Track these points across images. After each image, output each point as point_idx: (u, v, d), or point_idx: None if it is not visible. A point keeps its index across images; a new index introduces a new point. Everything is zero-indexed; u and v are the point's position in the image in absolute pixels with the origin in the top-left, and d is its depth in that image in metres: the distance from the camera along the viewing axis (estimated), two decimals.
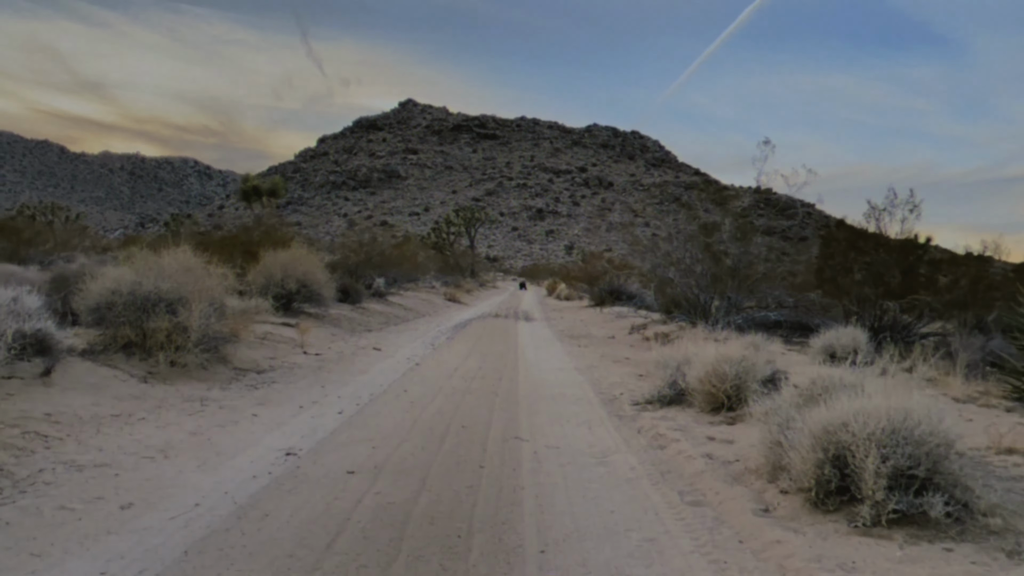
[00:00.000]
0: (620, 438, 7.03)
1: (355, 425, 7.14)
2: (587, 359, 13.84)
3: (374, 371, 11.16)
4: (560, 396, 9.47)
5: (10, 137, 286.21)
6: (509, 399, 9.05)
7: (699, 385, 7.97)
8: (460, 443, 6.55)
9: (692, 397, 8.21)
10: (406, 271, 36.03)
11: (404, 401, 8.57)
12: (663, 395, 8.62)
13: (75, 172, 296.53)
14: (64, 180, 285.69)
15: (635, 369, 12.23)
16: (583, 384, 10.60)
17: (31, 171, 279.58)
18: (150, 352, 9.42)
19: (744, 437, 6.75)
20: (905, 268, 14.77)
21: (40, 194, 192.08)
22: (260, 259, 17.56)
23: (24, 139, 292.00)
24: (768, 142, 15.81)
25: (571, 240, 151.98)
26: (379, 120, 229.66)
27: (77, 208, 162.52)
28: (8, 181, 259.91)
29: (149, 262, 10.09)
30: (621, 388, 10.15)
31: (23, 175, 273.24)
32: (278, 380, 9.84)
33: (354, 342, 15.08)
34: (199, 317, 9.58)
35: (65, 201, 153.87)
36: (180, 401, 8.05)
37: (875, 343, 11.83)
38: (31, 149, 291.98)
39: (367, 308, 22.51)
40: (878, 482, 4.35)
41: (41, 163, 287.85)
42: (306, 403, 8.32)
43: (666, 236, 16.69)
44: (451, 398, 8.92)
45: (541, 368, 12.29)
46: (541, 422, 7.71)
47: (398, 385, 9.76)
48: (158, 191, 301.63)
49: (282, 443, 6.42)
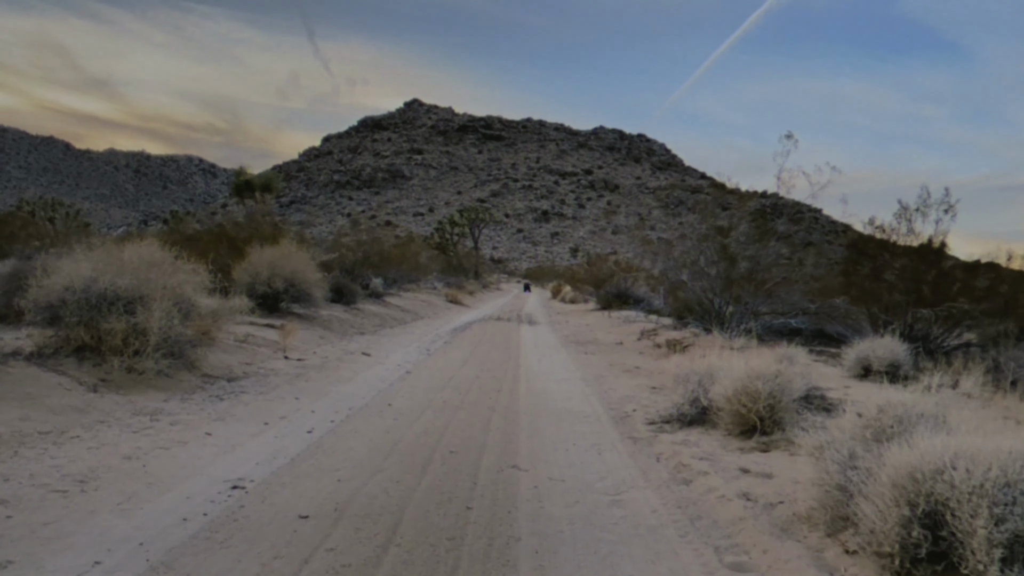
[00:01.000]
0: (636, 468, 5.94)
1: (323, 449, 6.07)
2: (594, 368, 12.75)
3: (359, 380, 10.08)
4: (565, 412, 8.38)
5: (16, 133, 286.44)
6: (508, 415, 7.97)
7: (726, 404, 6.88)
8: (446, 474, 5.46)
9: (717, 417, 7.12)
10: (407, 271, 34.97)
11: (387, 418, 7.48)
12: (683, 414, 7.53)
13: (80, 169, 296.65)
14: (69, 177, 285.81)
15: (647, 380, 11.13)
16: (591, 397, 9.51)
17: (36, 167, 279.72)
18: (105, 357, 8.38)
19: (784, 470, 5.66)
20: (938, 273, 13.66)
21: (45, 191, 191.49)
22: (246, 256, 16.52)
23: (30, 135, 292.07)
24: (791, 136, 14.70)
25: (576, 243, 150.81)
26: (384, 120, 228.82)
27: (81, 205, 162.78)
28: (13, 177, 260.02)
29: (108, 256, 9.03)
30: (633, 403, 9.05)
31: (28, 171, 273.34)
32: (248, 389, 8.78)
33: (343, 346, 14.02)
34: (160, 318, 8.53)
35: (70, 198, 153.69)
36: (128, 415, 6.99)
37: (913, 356, 10.71)
38: (36, 145, 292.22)
39: (362, 309, 21.46)
40: (991, 552, 3.26)
41: (46, 160, 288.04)
42: (273, 418, 7.25)
43: (680, 236, 15.60)
44: (441, 414, 7.83)
45: (544, 378, 11.21)
46: (543, 445, 6.62)
47: (383, 397, 8.68)
48: (163, 189, 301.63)
49: (231, 471, 5.34)
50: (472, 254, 71.16)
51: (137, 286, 8.88)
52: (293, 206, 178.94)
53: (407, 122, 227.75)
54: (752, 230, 15.89)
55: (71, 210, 55.65)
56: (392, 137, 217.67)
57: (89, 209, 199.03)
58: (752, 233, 15.16)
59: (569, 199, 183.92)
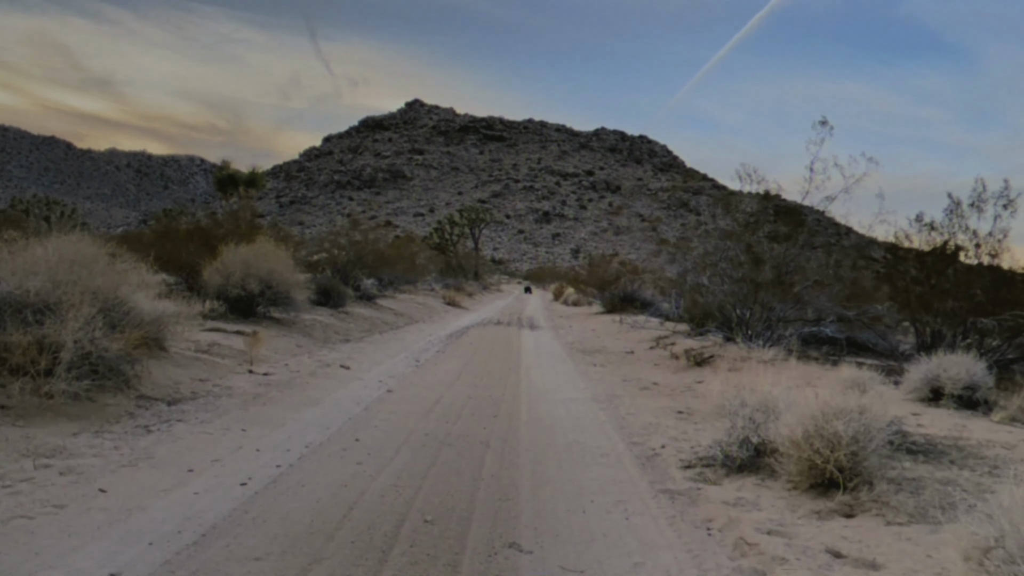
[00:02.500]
0: (682, 547, 4.29)
1: (251, 517, 4.43)
2: (606, 384, 11.11)
3: (328, 402, 8.44)
4: (577, 448, 6.74)
5: (17, 133, 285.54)
6: (505, 454, 6.33)
7: (793, 449, 5.23)
8: (414, 563, 3.83)
9: (776, 463, 5.47)
10: (404, 272, 33.38)
11: (349, 460, 5.84)
12: (730, 456, 5.88)
13: (81, 169, 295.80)
14: (70, 177, 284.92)
15: (671, 402, 9.48)
16: (606, 425, 7.87)
17: (37, 167, 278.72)
18: (3, 377, 6.75)
19: (892, 554, 4.01)
20: (998, 277, 12.03)
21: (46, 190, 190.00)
22: (219, 255, 14.91)
23: (31, 135, 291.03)
24: (825, 122, 13.03)
25: (577, 244, 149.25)
26: (385, 120, 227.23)
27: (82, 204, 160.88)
28: (14, 177, 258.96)
29: (14, 252, 7.40)
30: (659, 434, 7.41)
31: (29, 171, 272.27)
32: (188, 417, 7.14)
33: (321, 356, 12.38)
34: (76, 329, 6.90)
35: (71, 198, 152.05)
36: (13, 458, 5.36)
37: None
38: (38, 145, 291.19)
39: (351, 313, 19.83)
40: None
41: (47, 159, 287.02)
42: (202, 463, 5.61)
43: (701, 234, 13.96)
44: (421, 453, 6.19)
45: (549, 398, 9.56)
46: (552, 504, 4.99)
47: (351, 428, 7.04)
48: (164, 189, 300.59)
49: (109, 558, 3.71)
50: (472, 255, 69.56)
51: (53, 289, 7.27)
52: (293, 206, 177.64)
53: (408, 122, 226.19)
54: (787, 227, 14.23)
55: (66, 209, 54.30)
56: (393, 137, 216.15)
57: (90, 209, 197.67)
58: (784, 231, 13.51)
59: (570, 200, 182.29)
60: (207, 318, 14.14)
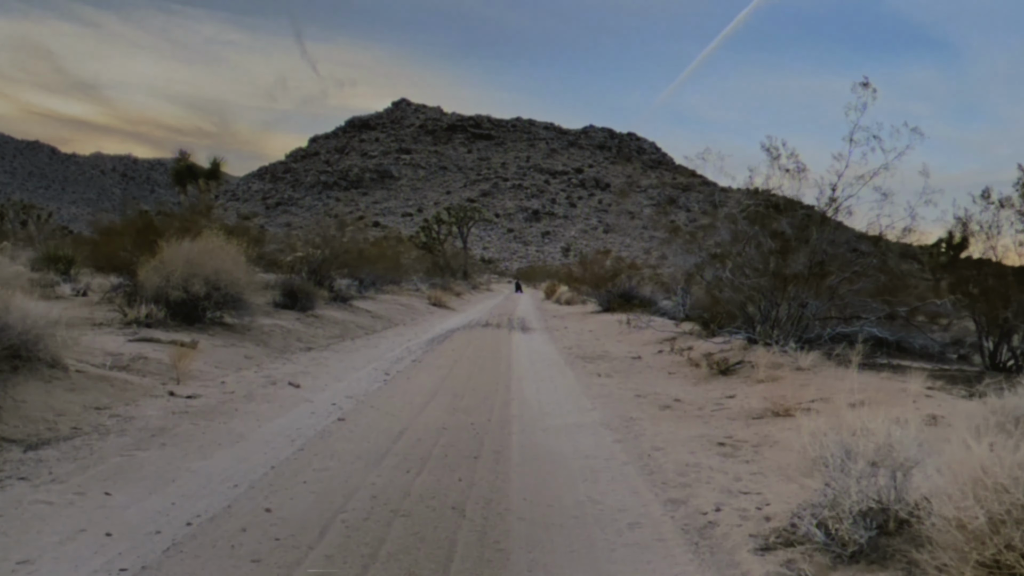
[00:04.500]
0: None
1: None
2: (617, 401, 9.03)
3: (254, 439, 6.32)
4: (593, 513, 4.64)
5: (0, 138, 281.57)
6: (488, 532, 4.23)
7: (960, 535, 3.16)
8: None
9: (919, 552, 3.39)
10: (387, 271, 31.25)
11: (241, 557, 3.72)
12: (836, 536, 3.79)
13: (66, 173, 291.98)
14: (55, 181, 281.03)
15: (705, 427, 7.40)
16: (628, 469, 5.77)
17: (21, 172, 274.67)
18: None
19: None
20: None
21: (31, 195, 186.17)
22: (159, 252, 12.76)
23: (15, 140, 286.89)
24: (867, 84, 10.98)
25: (568, 242, 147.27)
26: (372, 120, 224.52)
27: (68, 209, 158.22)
28: None
29: None
30: (705, 483, 5.32)
31: (13, 176, 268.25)
32: (39, 471, 5.02)
33: (270, 371, 10.25)
34: None
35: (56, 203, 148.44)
36: None
37: None
38: (22, 150, 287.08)
39: (320, 316, 17.69)
40: None
41: (32, 164, 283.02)
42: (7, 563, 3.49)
43: (724, 218, 11.91)
44: (358, 536, 4.08)
45: (548, 424, 7.47)
46: None
47: (266, 487, 4.91)
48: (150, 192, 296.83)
49: None
50: (461, 254, 67.37)
51: None
52: (280, 208, 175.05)
53: (395, 122, 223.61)
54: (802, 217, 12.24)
55: (43, 213, 52.38)
56: (380, 137, 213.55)
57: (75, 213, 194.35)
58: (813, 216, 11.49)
59: (560, 198, 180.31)
60: (141, 325, 12.03)
